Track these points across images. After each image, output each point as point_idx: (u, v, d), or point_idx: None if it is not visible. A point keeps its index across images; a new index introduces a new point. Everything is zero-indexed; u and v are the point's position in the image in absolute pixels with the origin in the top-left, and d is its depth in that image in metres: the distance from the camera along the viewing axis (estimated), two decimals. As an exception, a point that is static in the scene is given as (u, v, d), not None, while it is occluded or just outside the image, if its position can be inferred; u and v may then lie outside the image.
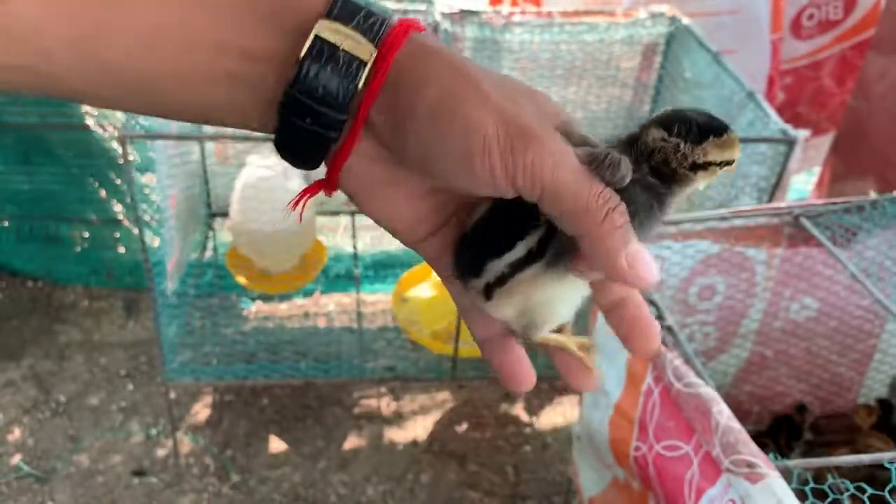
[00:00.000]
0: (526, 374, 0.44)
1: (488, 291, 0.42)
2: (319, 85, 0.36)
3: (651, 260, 0.38)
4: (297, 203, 0.43)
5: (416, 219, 0.42)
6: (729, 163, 0.41)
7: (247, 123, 0.39)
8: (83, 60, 0.36)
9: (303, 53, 0.36)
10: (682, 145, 0.40)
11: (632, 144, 0.41)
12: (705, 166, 0.41)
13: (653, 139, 0.40)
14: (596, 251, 0.37)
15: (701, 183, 0.42)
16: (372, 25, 0.36)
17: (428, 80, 0.36)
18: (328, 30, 0.36)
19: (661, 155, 0.40)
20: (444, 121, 0.36)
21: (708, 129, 0.40)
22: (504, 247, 0.41)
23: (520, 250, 0.41)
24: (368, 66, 0.36)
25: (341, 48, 0.36)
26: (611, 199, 0.37)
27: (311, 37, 0.36)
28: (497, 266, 0.41)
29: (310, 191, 0.42)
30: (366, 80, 0.36)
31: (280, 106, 0.37)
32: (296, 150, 0.39)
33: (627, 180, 0.39)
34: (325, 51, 0.36)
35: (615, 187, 0.38)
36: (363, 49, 0.36)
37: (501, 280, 0.42)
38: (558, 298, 0.43)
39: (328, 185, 0.41)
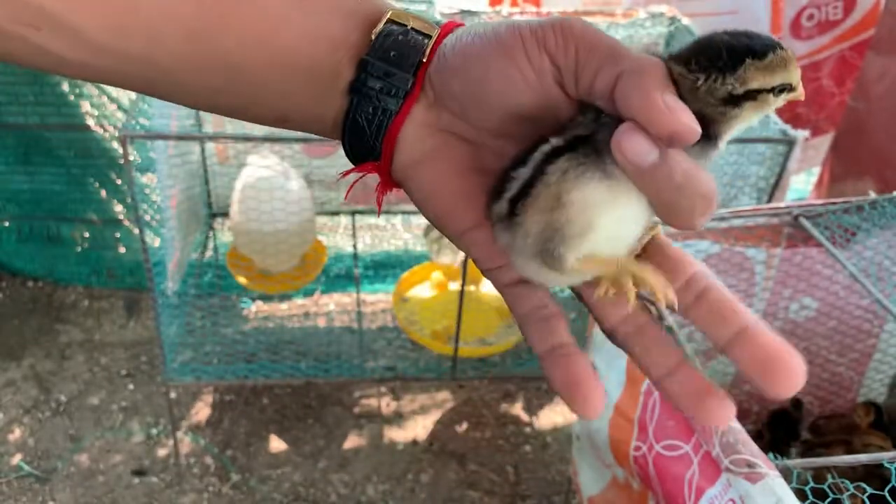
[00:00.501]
0: (594, 390, 0.36)
1: (512, 208, 0.36)
2: (392, 49, 0.40)
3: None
4: (346, 174, 0.45)
5: (463, 198, 0.41)
6: (786, 87, 0.35)
7: (322, 114, 0.42)
8: (198, 52, 0.39)
9: (379, 28, 0.41)
10: (701, 80, 0.34)
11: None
12: (751, 95, 0.35)
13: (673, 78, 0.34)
14: (632, 91, 0.33)
15: (753, 116, 0.35)
16: (429, 18, 0.42)
17: (468, 33, 0.40)
18: (398, 15, 0.41)
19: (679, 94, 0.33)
20: (485, 39, 0.39)
21: (745, 50, 0.34)
22: (530, 150, 0.36)
23: (546, 147, 0.35)
24: (433, 38, 0.41)
25: (410, 26, 0.41)
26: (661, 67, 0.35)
27: (385, 18, 0.41)
28: (522, 173, 0.36)
29: (363, 169, 0.43)
30: (428, 51, 0.40)
31: (357, 67, 0.41)
32: (359, 127, 0.41)
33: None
34: (395, 29, 0.41)
35: None
36: (428, 27, 0.41)
37: (527, 187, 0.36)
38: (598, 203, 0.35)
39: (382, 160, 0.42)
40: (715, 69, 0.33)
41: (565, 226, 0.35)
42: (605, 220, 0.35)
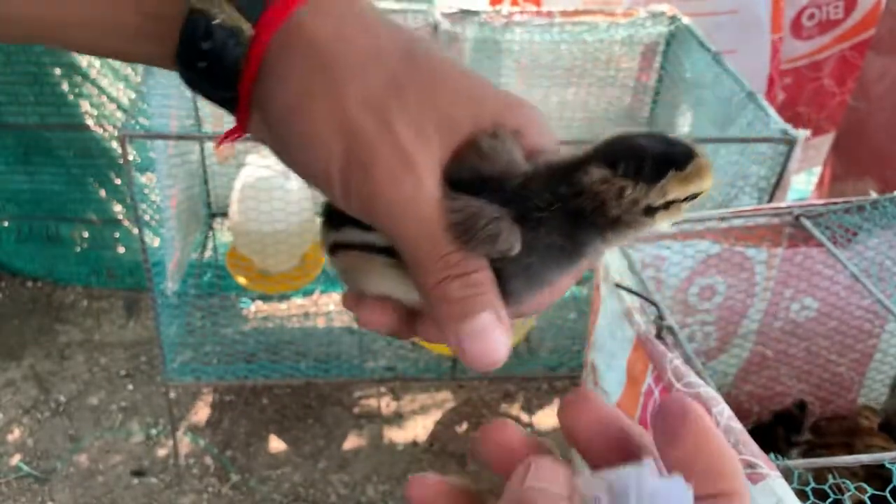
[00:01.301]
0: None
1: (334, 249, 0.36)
2: (201, 59, 0.32)
3: (499, 338, 0.31)
4: (221, 142, 0.38)
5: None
6: (697, 195, 0.33)
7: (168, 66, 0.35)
8: None
9: (181, 29, 0.32)
10: (629, 188, 0.32)
11: (564, 175, 0.33)
12: (666, 206, 0.33)
13: (593, 181, 0.32)
14: (432, 313, 0.32)
15: (662, 224, 0.33)
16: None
17: (290, 72, 0.32)
18: (200, 5, 0.32)
19: (598, 200, 0.32)
20: (294, 124, 0.32)
21: (666, 160, 0.32)
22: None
23: (372, 237, 0.34)
24: (246, 43, 0.32)
25: (215, 23, 0.32)
26: (457, 265, 0.31)
27: (186, 10, 0.32)
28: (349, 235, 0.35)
29: (232, 132, 0.37)
30: (245, 59, 0.32)
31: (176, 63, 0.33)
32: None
33: (515, 250, 0.32)
34: (200, 24, 0.32)
35: (496, 257, 0.32)
36: (242, 25, 0.32)
37: (348, 246, 0.35)
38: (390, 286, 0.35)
39: (238, 127, 0.36)
40: (641, 178, 0.32)
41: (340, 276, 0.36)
42: (373, 287, 0.35)
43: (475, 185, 0.32)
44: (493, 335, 0.32)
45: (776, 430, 1.41)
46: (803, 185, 2.50)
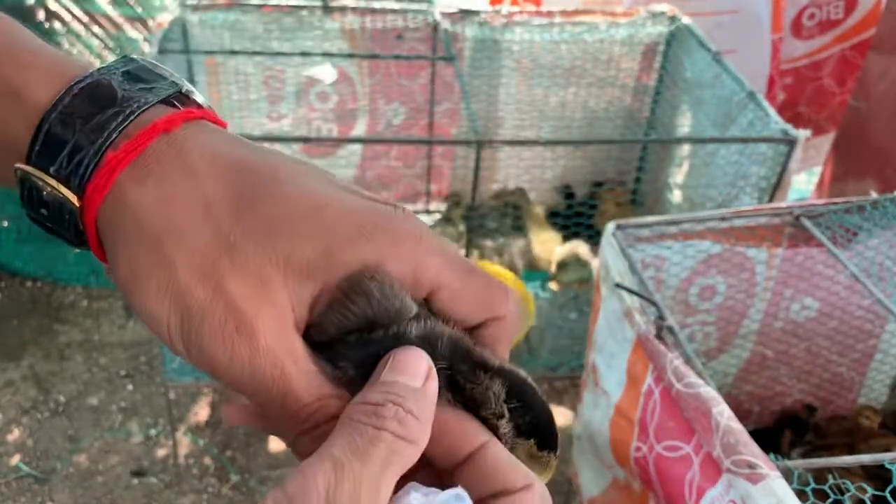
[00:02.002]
0: None
1: None
2: (42, 220, 0.33)
3: None
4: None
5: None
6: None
7: None
8: None
9: (19, 190, 0.32)
10: (504, 428, 0.33)
11: (466, 361, 0.33)
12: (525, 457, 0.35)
13: (485, 398, 0.33)
14: None
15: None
16: (78, 164, 0.31)
17: (120, 248, 0.31)
18: (26, 174, 0.32)
19: (477, 405, 0.33)
20: (133, 301, 0.31)
21: (550, 441, 0.34)
22: None
23: None
24: (76, 213, 0.32)
25: (45, 194, 0.32)
26: (305, 420, 0.31)
27: (17, 175, 0.32)
28: None
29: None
30: (81, 224, 0.32)
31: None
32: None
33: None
34: (33, 193, 0.32)
35: None
36: (68, 198, 0.31)
37: None
38: None
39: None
40: (520, 432, 0.34)
41: None
42: None
43: (361, 330, 0.32)
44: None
45: (783, 434, 1.41)
46: (803, 185, 2.50)
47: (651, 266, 1.27)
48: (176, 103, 0.33)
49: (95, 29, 2.14)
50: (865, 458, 0.93)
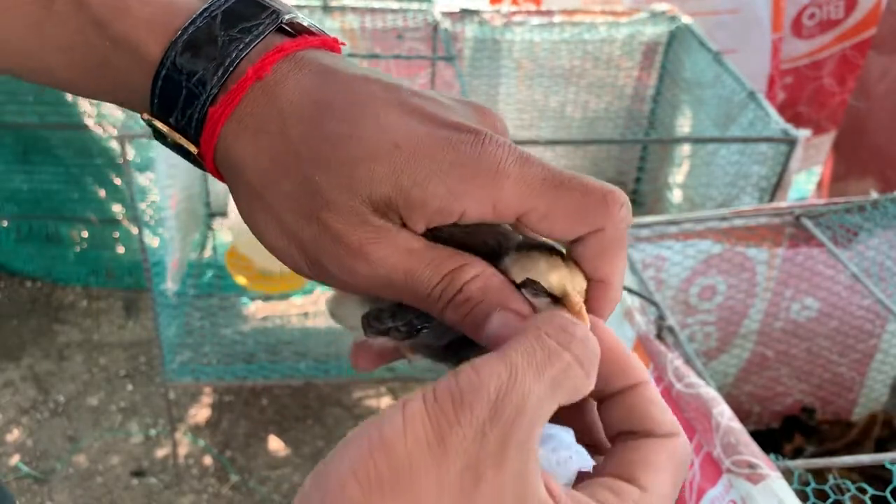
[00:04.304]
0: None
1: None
2: (173, 149, 0.36)
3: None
4: None
5: None
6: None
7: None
8: None
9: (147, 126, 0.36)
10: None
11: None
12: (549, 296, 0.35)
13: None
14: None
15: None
16: (190, 118, 0.34)
17: (234, 197, 0.35)
18: (155, 125, 0.35)
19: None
20: (257, 234, 0.35)
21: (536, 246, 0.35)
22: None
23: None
24: (199, 159, 0.36)
25: (170, 140, 0.36)
26: (444, 291, 0.33)
27: (145, 122, 0.36)
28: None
29: None
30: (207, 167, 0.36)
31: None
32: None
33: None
34: (161, 137, 0.36)
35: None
36: (188, 146, 0.35)
37: None
38: None
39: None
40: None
41: None
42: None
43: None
44: (509, 330, 0.32)
45: (783, 437, 1.41)
46: (804, 184, 2.50)
47: (651, 266, 1.27)
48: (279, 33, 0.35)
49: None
50: (865, 459, 0.93)
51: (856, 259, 1.27)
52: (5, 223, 2.35)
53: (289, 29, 0.35)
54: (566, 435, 0.30)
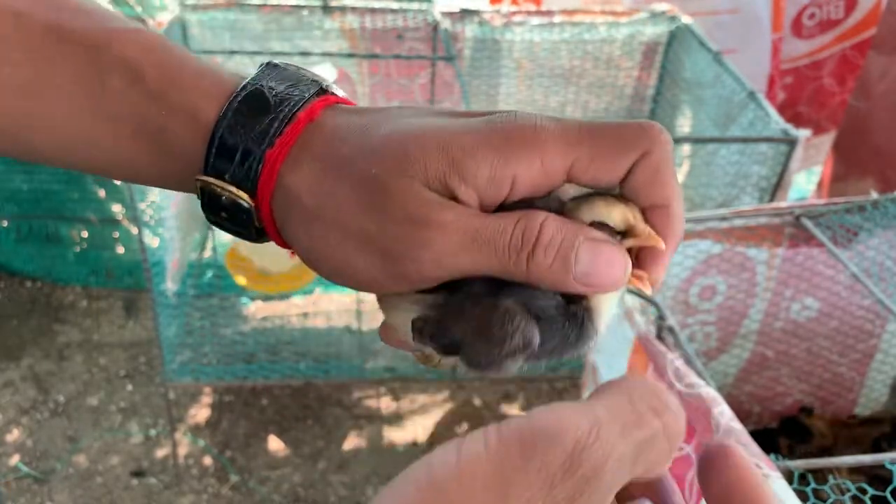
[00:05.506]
0: None
1: None
2: (223, 222, 0.38)
3: (606, 252, 0.33)
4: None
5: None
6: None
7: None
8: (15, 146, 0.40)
9: (198, 196, 0.38)
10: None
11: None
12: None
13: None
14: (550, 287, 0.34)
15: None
16: (249, 169, 0.36)
17: (297, 231, 0.36)
18: (205, 183, 0.37)
19: None
20: (320, 267, 0.36)
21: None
22: None
23: None
24: (253, 211, 0.37)
25: (224, 199, 0.37)
26: (525, 242, 0.33)
27: (198, 185, 0.37)
28: None
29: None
30: (259, 220, 0.37)
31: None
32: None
33: (532, 346, 0.34)
34: (212, 196, 0.37)
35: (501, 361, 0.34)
36: (243, 198, 0.37)
37: None
38: None
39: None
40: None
41: None
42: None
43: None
44: (601, 258, 0.33)
45: (780, 438, 1.41)
46: (804, 184, 2.50)
47: (651, 266, 1.27)
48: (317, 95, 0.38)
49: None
50: (865, 459, 0.93)
51: (856, 259, 1.27)
52: (5, 223, 2.35)
53: (325, 93, 0.38)
54: None
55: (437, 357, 0.38)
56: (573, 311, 0.34)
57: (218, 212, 0.37)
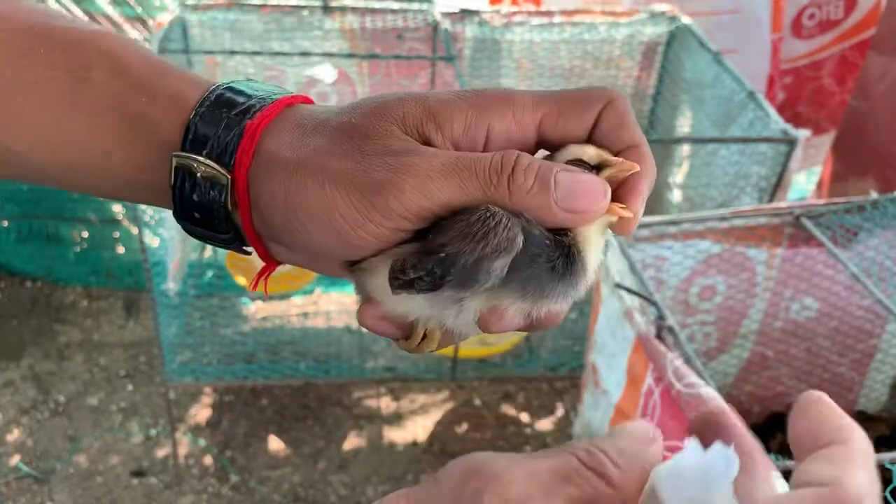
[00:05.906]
0: None
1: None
2: (193, 206, 0.38)
3: (583, 179, 0.35)
4: (255, 284, 0.45)
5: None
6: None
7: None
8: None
9: (171, 182, 0.38)
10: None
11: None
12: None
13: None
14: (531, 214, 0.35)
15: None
16: (227, 144, 0.37)
17: (273, 186, 0.37)
18: (182, 159, 0.37)
19: None
20: (298, 214, 0.36)
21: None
22: None
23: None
24: (227, 188, 0.38)
25: (199, 175, 0.37)
26: (502, 172, 0.34)
27: (172, 167, 0.38)
28: None
29: (265, 270, 0.44)
30: (233, 200, 0.38)
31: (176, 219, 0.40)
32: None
33: (516, 246, 0.34)
34: (186, 178, 0.38)
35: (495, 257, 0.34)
36: (220, 171, 0.37)
37: None
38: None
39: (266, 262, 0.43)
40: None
41: None
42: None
43: None
44: (580, 183, 0.34)
45: (773, 434, 1.41)
46: (803, 184, 2.50)
47: (651, 266, 1.27)
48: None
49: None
50: (866, 459, 0.93)
51: (855, 259, 1.27)
52: (5, 223, 2.35)
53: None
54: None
55: (419, 328, 0.38)
56: (559, 240, 0.35)
57: (190, 196, 0.38)
